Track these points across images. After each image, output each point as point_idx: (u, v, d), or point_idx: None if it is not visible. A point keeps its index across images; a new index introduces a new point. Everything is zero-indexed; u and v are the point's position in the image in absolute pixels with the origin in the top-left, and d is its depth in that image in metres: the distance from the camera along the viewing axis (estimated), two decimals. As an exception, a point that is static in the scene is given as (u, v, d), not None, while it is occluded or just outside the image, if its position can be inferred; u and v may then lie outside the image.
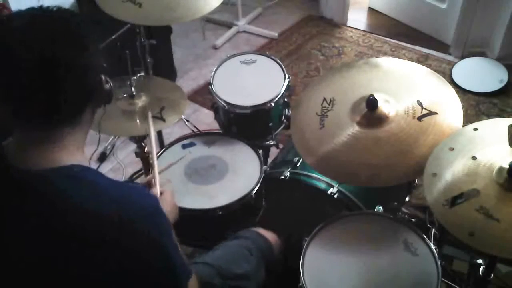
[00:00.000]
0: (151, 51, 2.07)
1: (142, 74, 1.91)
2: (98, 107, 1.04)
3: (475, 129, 1.30)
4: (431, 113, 1.45)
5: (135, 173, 2.48)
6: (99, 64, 0.98)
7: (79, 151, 0.98)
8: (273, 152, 2.09)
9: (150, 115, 1.57)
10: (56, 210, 0.88)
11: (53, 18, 0.93)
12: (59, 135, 0.94)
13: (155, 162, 1.40)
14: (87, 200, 0.89)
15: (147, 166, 1.97)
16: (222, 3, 1.87)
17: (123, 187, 0.99)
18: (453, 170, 1.21)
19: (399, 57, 3.30)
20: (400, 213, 1.84)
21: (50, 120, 0.92)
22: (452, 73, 3.09)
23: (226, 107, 1.82)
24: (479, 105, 2.89)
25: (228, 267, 1.37)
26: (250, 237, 1.50)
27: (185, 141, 1.82)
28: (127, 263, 0.91)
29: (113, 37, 2.49)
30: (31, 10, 0.93)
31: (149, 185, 1.32)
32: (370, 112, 1.46)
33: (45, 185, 0.89)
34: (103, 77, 1.01)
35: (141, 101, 1.77)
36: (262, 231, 1.55)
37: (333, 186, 1.66)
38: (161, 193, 1.30)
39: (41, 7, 0.93)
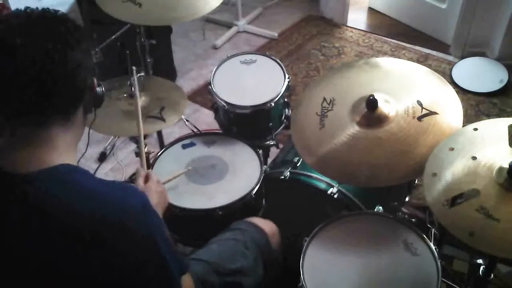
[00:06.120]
0: (151, 51, 2.07)
1: (142, 74, 1.91)
2: (89, 111, 1.06)
3: (475, 129, 1.30)
4: (431, 113, 1.45)
5: (135, 173, 2.48)
6: (90, 65, 0.99)
7: (69, 152, 0.98)
8: (273, 152, 2.09)
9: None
10: (43, 212, 0.89)
11: (47, 17, 0.94)
12: (49, 135, 0.95)
13: (143, 144, 1.47)
14: (73, 201, 0.90)
15: (147, 166, 1.97)
16: (222, 3, 1.87)
17: (110, 186, 0.99)
18: (453, 170, 1.21)
19: (399, 57, 3.30)
20: (400, 213, 1.84)
21: (40, 114, 0.92)
22: (452, 73, 3.09)
23: (226, 107, 1.82)
24: (479, 105, 2.89)
25: (224, 263, 1.36)
26: (245, 229, 1.48)
27: (185, 141, 1.82)
28: (118, 261, 0.91)
29: (113, 37, 2.49)
30: (27, 10, 0.94)
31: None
32: (370, 112, 1.46)
33: (32, 188, 0.90)
34: (94, 79, 1.03)
35: (141, 101, 1.77)
36: (258, 221, 1.53)
37: (333, 186, 1.66)
38: (146, 180, 1.32)
39: (37, 8, 0.94)
